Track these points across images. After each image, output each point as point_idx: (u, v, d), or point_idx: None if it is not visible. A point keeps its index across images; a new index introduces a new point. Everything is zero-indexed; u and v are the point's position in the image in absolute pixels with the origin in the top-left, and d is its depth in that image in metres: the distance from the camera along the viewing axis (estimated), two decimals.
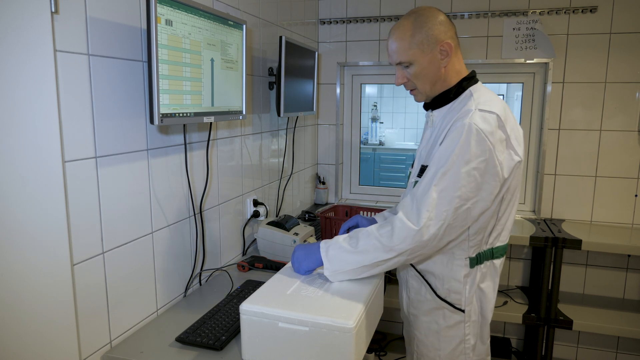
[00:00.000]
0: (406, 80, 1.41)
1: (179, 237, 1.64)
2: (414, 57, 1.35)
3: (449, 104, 1.41)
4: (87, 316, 1.25)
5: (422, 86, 1.40)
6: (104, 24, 1.25)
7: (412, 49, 1.35)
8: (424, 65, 1.36)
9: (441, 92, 1.41)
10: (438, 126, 1.41)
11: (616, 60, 2.60)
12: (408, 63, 1.37)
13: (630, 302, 2.74)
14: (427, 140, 1.45)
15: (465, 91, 1.39)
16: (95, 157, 1.25)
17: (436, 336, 1.47)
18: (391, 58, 1.40)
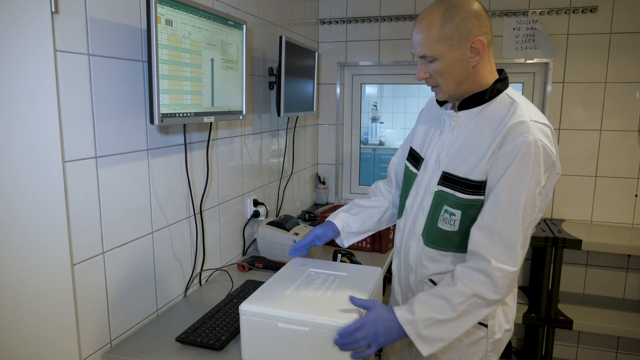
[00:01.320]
0: (428, 76, 1.25)
1: (179, 237, 1.64)
2: (441, 52, 1.19)
3: (479, 106, 1.26)
4: (87, 316, 1.26)
5: (445, 85, 1.24)
6: (104, 24, 1.25)
7: (439, 43, 1.19)
8: (450, 62, 1.20)
9: (469, 93, 1.26)
10: (469, 130, 1.26)
11: (616, 60, 2.60)
12: (432, 58, 1.21)
13: (630, 302, 2.74)
14: (452, 144, 1.29)
15: (501, 95, 1.25)
16: (95, 157, 1.25)
17: (457, 354, 1.33)
18: (414, 49, 1.25)
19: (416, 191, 1.38)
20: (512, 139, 1.15)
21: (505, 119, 1.20)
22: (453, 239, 1.27)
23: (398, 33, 2.92)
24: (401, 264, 1.44)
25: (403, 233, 1.42)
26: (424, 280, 1.34)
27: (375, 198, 1.59)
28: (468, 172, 1.22)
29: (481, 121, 1.25)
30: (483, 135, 1.23)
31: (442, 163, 1.30)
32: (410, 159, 1.45)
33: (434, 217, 1.30)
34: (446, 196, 1.27)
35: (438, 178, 1.29)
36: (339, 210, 1.58)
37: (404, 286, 1.45)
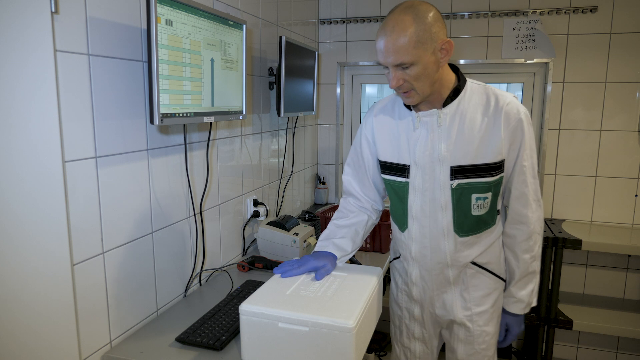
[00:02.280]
0: (402, 82, 1.29)
1: (179, 237, 1.64)
2: (418, 56, 1.24)
3: (456, 99, 1.35)
4: (87, 316, 1.26)
5: (421, 87, 1.29)
6: (104, 24, 1.25)
7: (416, 48, 1.23)
8: (427, 65, 1.26)
9: (437, 91, 1.34)
10: (457, 122, 1.34)
11: (616, 60, 2.60)
12: (410, 63, 1.25)
13: (630, 302, 2.74)
14: (447, 139, 1.34)
15: (467, 84, 1.38)
16: (95, 157, 1.25)
17: (497, 319, 1.52)
18: (387, 59, 1.26)
19: (421, 195, 1.41)
20: (514, 116, 1.32)
21: (492, 101, 1.34)
22: (486, 217, 1.41)
23: None
24: (427, 269, 1.47)
25: (422, 240, 1.45)
26: (467, 265, 1.45)
27: (353, 215, 1.57)
28: (485, 157, 1.33)
29: (465, 111, 1.35)
30: (477, 122, 1.34)
31: (444, 159, 1.35)
32: (388, 172, 1.47)
33: (465, 208, 1.38)
34: (470, 186, 1.35)
35: (447, 174, 1.35)
36: (327, 238, 1.52)
37: (437, 286, 1.49)
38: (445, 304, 1.50)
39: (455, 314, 1.49)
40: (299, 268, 1.38)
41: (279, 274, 1.38)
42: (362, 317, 1.17)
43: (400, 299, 1.61)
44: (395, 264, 1.63)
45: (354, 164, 1.58)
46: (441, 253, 1.43)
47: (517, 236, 1.43)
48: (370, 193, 1.58)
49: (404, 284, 1.58)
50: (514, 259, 1.46)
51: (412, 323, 1.60)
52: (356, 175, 1.58)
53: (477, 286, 1.47)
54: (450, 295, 1.49)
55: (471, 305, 1.48)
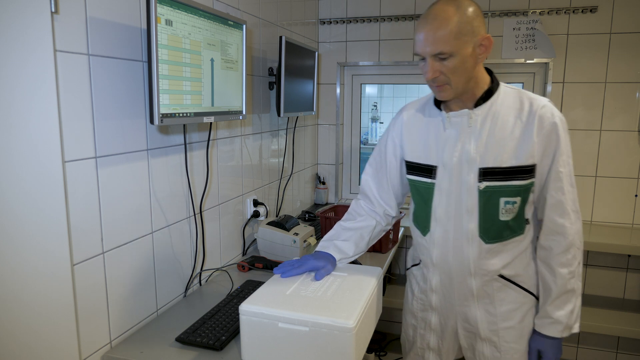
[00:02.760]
0: (438, 75, 1.25)
1: (179, 237, 1.64)
2: (458, 48, 1.21)
3: (489, 101, 1.32)
4: (87, 316, 1.26)
5: (457, 81, 1.26)
6: (104, 24, 1.25)
7: (457, 38, 1.20)
8: (465, 58, 1.23)
9: (470, 90, 1.31)
10: (488, 124, 1.31)
11: (616, 60, 2.60)
12: (449, 54, 1.22)
13: (630, 302, 2.74)
14: (477, 140, 1.31)
15: (500, 87, 1.35)
16: (95, 157, 1.25)
17: (527, 337, 1.43)
18: (426, 48, 1.23)
19: (446, 198, 1.37)
20: (548, 120, 1.28)
21: (526, 105, 1.30)
22: (513, 225, 1.35)
23: (398, 33, 2.92)
24: (448, 276, 1.42)
25: (444, 244, 1.40)
26: (493, 277, 1.38)
27: (361, 218, 1.54)
28: (516, 159, 1.29)
29: (497, 113, 1.32)
30: (509, 125, 1.30)
31: (473, 161, 1.32)
32: (414, 172, 1.43)
33: (492, 212, 1.33)
34: (499, 189, 1.31)
35: (475, 175, 1.32)
36: (330, 239, 1.50)
37: (458, 296, 1.43)
38: (468, 318, 1.44)
39: (480, 328, 1.43)
40: (298, 268, 1.38)
41: (278, 274, 1.38)
42: (362, 317, 1.17)
43: (415, 307, 1.56)
44: (414, 270, 1.58)
45: (376, 164, 1.54)
46: (464, 259, 1.37)
47: (554, 248, 1.34)
48: (385, 196, 1.53)
49: (421, 292, 1.52)
50: (549, 273, 1.36)
51: (428, 333, 1.54)
52: (376, 175, 1.54)
53: (504, 300, 1.40)
54: (474, 310, 1.43)
55: (497, 320, 1.41)
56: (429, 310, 1.52)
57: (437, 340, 1.53)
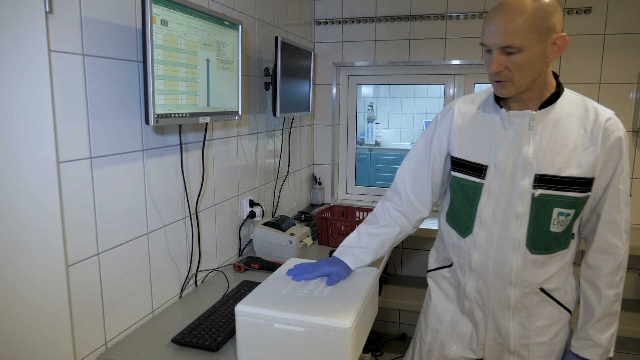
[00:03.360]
0: (502, 69, 1.18)
1: (175, 238, 1.64)
2: (528, 43, 1.13)
3: (551, 105, 1.26)
4: (82, 317, 1.25)
5: (520, 80, 1.18)
6: (98, 24, 1.25)
7: (530, 33, 1.12)
8: (534, 55, 1.15)
9: (535, 90, 1.24)
10: (549, 130, 1.24)
11: (610, 60, 2.61)
12: (518, 49, 1.14)
13: (626, 302, 2.75)
14: (537, 145, 1.24)
15: (565, 93, 1.28)
16: (90, 157, 1.24)
17: (556, 355, 1.38)
18: (494, 39, 1.15)
19: (495, 201, 1.29)
20: (614, 132, 1.22)
21: (591, 114, 1.24)
22: (561, 238, 1.29)
23: (394, 33, 2.93)
24: (486, 282, 1.34)
25: (487, 249, 1.32)
26: (534, 291, 1.32)
27: (385, 223, 1.45)
28: (576, 170, 1.22)
29: (559, 119, 1.25)
30: (572, 133, 1.23)
31: (530, 165, 1.24)
32: (460, 170, 1.35)
33: (543, 221, 1.26)
34: (554, 198, 1.24)
35: (530, 181, 1.24)
36: (349, 245, 1.44)
37: (493, 306, 1.36)
38: (499, 329, 1.38)
39: (511, 341, 1.36)
40: (311, 273, 1.36)
41: (290, 276, 1.37)
42: (358, 317, 1.17)
43: (446, 310, 1.47)
44: (443, 273, 1.49)
45: (417, 158, 1.44)
46: (506, 268, 1.30)
47: (602, 268, 1.29)
48: (420, 194, 1.44)
49: (457, 296, 1.46)
50: (594, 294, 1.30)
51: (453, 341, 1.46)
52: (415, 171, 1.44)
53: (541, 315, 1.34)
54: (507, 322, 1.36)
55: (530, 334, 1.35)
56: (463, 316, 1.44)
57: (461, 350, 1.45)
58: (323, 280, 1.34)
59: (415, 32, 2.88)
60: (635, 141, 2.66)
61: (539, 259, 1.29)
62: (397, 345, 3.15)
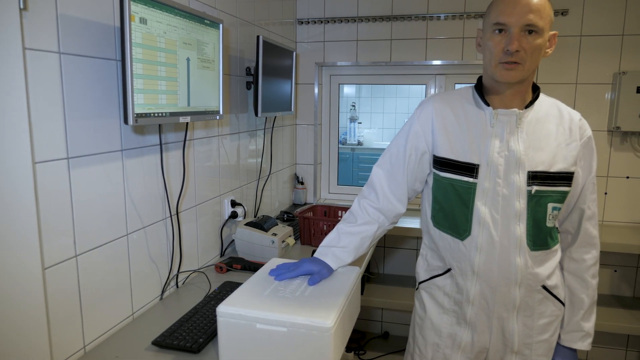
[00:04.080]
0: (521, 49, 1.19)
1: (155, 239, 1.62)
2: (544, 28, 1.20)
3: (535, 104, 1.31)
4: (59, 321, 1.22)
5: (530, 64, 1.22)
6: (75, 22, 1.22)
7: (546, 19, 1.20)
8: (544, 42, 1.22)
9: (525, 82, 1.28)
10: (531, 128, 1.29)
11: (587, 61, 2.67)
12: (540, 30, 1.18)
13: (603, 298, 2.81)
14: (525, 142, 1.27)
15: (540, 94, 1.34)
16: (67, 158, 1.22)
17: (552, 351, 1.42)
18: (520, 18, 1.17)
19: (492, 200, 1.28)
20: (586, 130, 1.34)
21: (565, 114, 1.32)
22: (553, 233, 1.34)
23: (375, 34, 2.94)
24: (491, 285, 1.31)
25: (490, 251, 1.29)
26: (536, 289, 1.33)
27: (363, 221, 1.44)
28: (561, 165, 1.28)
29: (538, 119, 1.30)
30: (552, 131, 1.30)
31: (522, 163, 1.26)
32: (449, 170, 1.33)
33: (539, 217, 1.28)
34: (547, 194, 1.28)
35: (525, 179, 1.26)
36: (329, 245, 1.43)
37: (498, 308, 1.34)
38: (504, 331, 1.35)
39: (515, 341, 1.35)
40: (293, 271, 1.36)
41: (273, 276, 1.36)
42: (341, 316, 1.17)
43: (442, 322, 1.42)
44: (437, 282, 1.43)
45: (392, 154, 1.43)
46: (511, 268, 1.28)
47: (587, 260, 1.36)
48: (397, 190, 1.43)
49: (454, 304, 1.39)
50: (581, 286, 1.37)
51: (455, 353, 1.41)
52: (390, 169, 1.43)
53: (543, 313, 1.35)
54: (512, 322, 1.34)
55: (533, 333, 1.35)
56: (461, 326, 1.39)
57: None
58: (305, 280, 1.34)
59: (397, 32, 2.90)
60: (610, 140, 2.72)
61: (539, 255, 1.31)
62: (380, 343, 3.16)
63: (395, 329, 3.26)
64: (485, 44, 1.26)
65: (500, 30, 1.21)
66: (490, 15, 1.24)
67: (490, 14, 1.25)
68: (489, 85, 1.32)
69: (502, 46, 1.21)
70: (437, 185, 1.38)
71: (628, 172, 2.72)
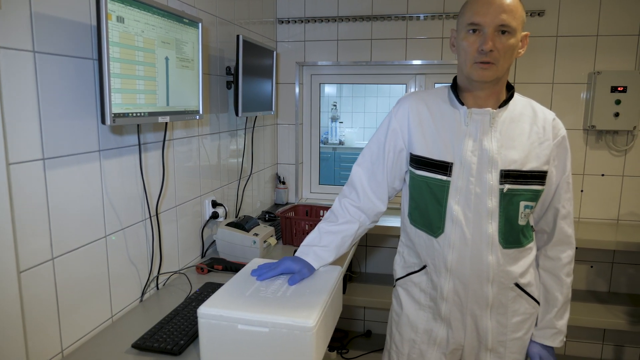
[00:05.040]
0: (494, 49, 1.21)
1: (135, 241, 1.59)
2: (517, 27, 1.22)
3: (508, 103, 1.32)
4: (36, 325, 1.20)
5: (504, 63, 1.24)
6: (51, 20, 1.20)
7: (520, 18, 1.22)
8: (517, 42, 1.24)
9: (500, 82, 1.30)
10: (505, 127, 1.30)
11: (563, 61, 2.73)
12: (513, 29, 1.20)
13: (579, 293, 2.87)
14: (498, 141, 1.28)
15: (515, 94, 1.35)
16: (42, 159, 1.20)
17: (526, 349, 1.43)
18: (494, 18, 1.19)
19: (464, 198, 1.30)
20: (560, 130, 1.34)
21: (539, 114, 1.34)
22: (526, 231, 1.35)
23: (356, 33, 2.95)
24: (463, 282, 1.33)
25: (462, 248, 1.31)
26: (509, 286, 1.34)
27: (344, 220, 1.44)
28: (534, 164, 1.29)
29: (513, 118, 1.32)
30: (526, 130, 1.31)
31: (495, 162, 1.27)
32: (424, 168, 1.35)
33: (511, 215, 1.29)
34: (519, 192, 1.29)
35: (497, 177, 1.27)
36: (310, 244, 1.43)
37: (471, 305, 1.35)
38: (478, 328, 1.37)
39: (489, 339, 1.37)
40: (274, 270, 1.36)
41: (255, 276, 1.35)
42: (322, 316, 1.18)
43: (419, 318, 1.44)
44: (413, 278, 1.45)
45: (371, 153, 1.44)
46: (483, 265, 1.30)
47: (562, 259, 1.38)
48: (377, 189, 1.43)
49: (430, 300, 1.41)
50: (556, 284, 1.38)
51: (431, 349, 1.43)
52: (370, 167, 1.44)
53: (517, 311, 1.36)
54: (485, 320, 1.35)
55: (507, 331, 1.37)
56: (437, 322, 1.41)
57: (439, 357, 1.43)
58: (287, 280, 1.34)
59: (377, 32, 2.92)
60: (586, 139, 2.78)
61: (511, 253, 1.32)
62: (363, 342, 3.18)
63: (377, 327, 3.28)
64: (459, 44, 1.28)
65: (474, 30, 1.23)
66: (464, 16, 1.26)
67: (464, 14, 1.26)
68: (464, 85, 1.34)
69: (476, 46, 1.22)
70: (412, 184, 1.40)
71: (603, 170, 2.79)
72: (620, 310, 2.67)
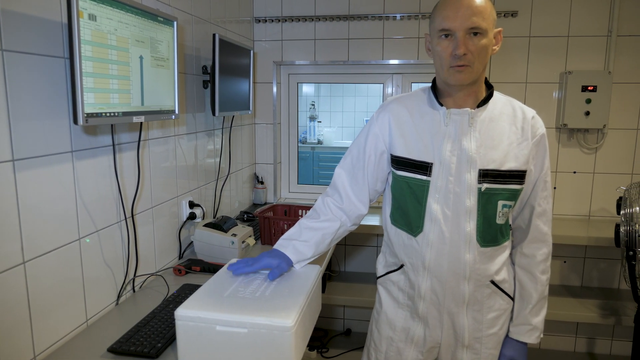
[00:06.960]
0: (468, 52, 1.22)
1: (110, 243, 1.57)
2: (489, 27, 1.22)
3: (488, 102, 1.33)
4: (6, 331, 1.17)
5: (479, 64, 1.24)
6: (19, 17, 1.17)
7: (488, 19, 1.22)
8: (490, 41, 1.25)
9: (477, 82, 1.31)
10: (484, 126, 1.31)
11: (535, 61, 2.78)
12: (483, 31, 1.21)
13: (553, 288, 2.93)
14: (477, 141, 1.30)
15: (495, 93, 1.36)
16: (12, 160, 1.16)
17: (496, 338, 1.43)
18: (463, 22, 1.20)
19: (443, 197, 1.31)
20: (539, 129, 1.34)
21: (518, 113, 1.34)
22: (504, 230, 1.37)
23: (333, 33, 2.95)
24: (441, 280, 1.35)
25: (440, 247, 1.33)
26: (485, 284, 1.36)
27: (325, 217, 1.45)
28: (513, 163, 1.30)
29: (493, 117, 1.32)
30: (505, 130, 1.31)
31: (473, 161, 1.29)
32: (404, 168, 1.36)
33: (489, 214, 1.31)
34: (498, 192, 1.30)
35: (476, 177, 1.29)
36: (289, 238, 1.43)
37: (448, 302, 1.37)
38: (455, 325, 1.39)
39: (465, 335, 1.39)
40: (252, 265, 1.35)
41: (231, 271, 1.34)
42: (301, 315, 1.17)
43: (397, 317, 1.46)
44: (392, 277, 1.47)
45: (352, 157, 1.46)
46: (460, 263, 1.32)
47: (537, 256, 1.39)
48: (359, 192, 1.45)
49: (408, 299, 1.43)
50: (531, 281, 1.40)
51: (408, 347, 1.45)
52: (352, 170, 1.45)
53: (492, 307, 1.39)
54: (462, 317, 1.38)
55: (483, 327, 1.39)
56: (415, 320, 1.43)
57: (416, 355, 1.45)
58: (265, 281, 1.33)
59: (354, 31, 2.93)
60: (558, 137, 2.85)
61: (488, 252, 1.34)
62: (343, 340, 3.19)
63: (357, 325, 3.30)
64: (434, 49, 1.30)
65: (446, 35, 1.24)
66: (435, 22, 1.27)
67: (434, 20, 1.27)
68: (442, 87, 1.36)
69: (450, 51, 1.24)
70: (394, 184, 1.42)
71: (575, 167, 2.86)
72: (592, 303, 2.74)
